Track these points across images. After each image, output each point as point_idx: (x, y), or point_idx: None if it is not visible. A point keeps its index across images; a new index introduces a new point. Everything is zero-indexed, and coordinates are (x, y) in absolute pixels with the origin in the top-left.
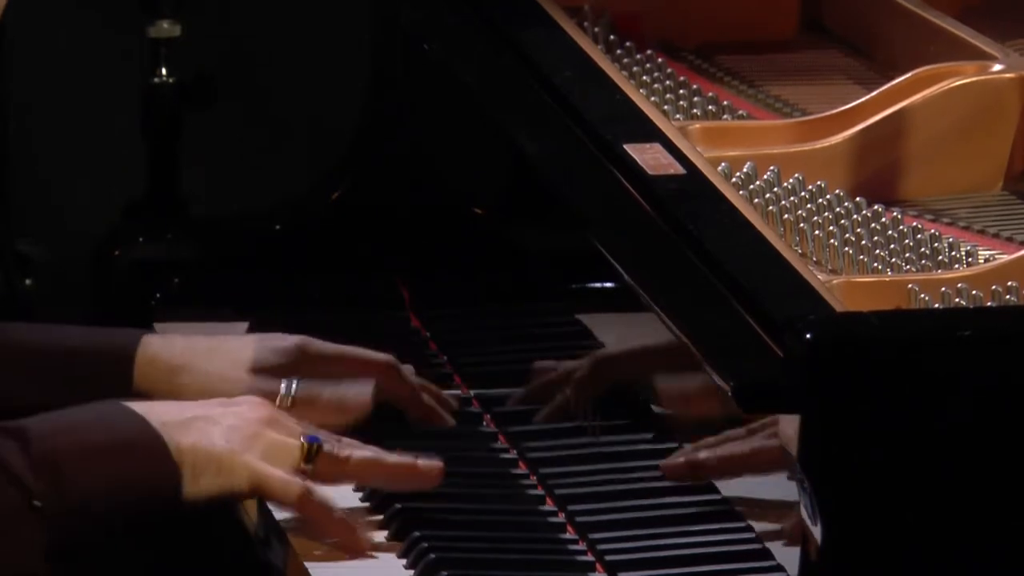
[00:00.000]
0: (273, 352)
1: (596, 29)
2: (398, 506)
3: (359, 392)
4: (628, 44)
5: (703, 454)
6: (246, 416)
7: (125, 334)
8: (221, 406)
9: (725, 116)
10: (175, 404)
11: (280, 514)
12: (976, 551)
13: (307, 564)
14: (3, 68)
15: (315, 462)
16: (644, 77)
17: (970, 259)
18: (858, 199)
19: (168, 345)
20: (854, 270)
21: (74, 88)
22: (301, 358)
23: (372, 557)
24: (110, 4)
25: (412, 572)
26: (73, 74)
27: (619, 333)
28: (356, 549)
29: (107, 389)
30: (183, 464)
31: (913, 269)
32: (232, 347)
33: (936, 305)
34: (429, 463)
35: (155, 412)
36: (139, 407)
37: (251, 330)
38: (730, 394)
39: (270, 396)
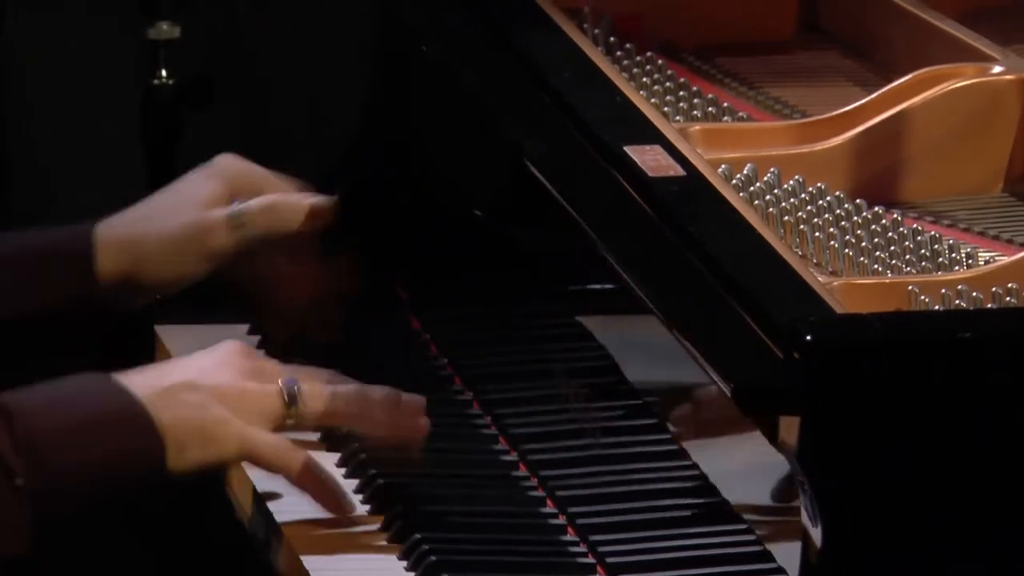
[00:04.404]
0: (209, 184)
1: (596, 31)
2: (399, 507)
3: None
4: (628, 46)
5: None
6: (225, 372)
7: (76, 229)
8: (199, 363)
9: (725, 118)
10: (156, 371)
11: (279, 515)
12: (976, 552)
13: (305, 564)
14: (3, 69)
15: (298, 406)
16: (644, 79)
17: (970, 261)
18: (858, 201)
19: (119, 229)
20: (854, 272)
21: (74, 89)
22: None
23: (353, 521)
24: (110, 6)
25: (413, 574)
26: (73, 75)
27: (619, 335)
28: (340, 512)
29: (70, 286)
30: (167, 438)
31: (913, 271)
32: (170, 207)
33: (936, 307)
34: (413, 405)
35: (137, 383)
36: (122, 378)
37: (251, 331)
38: (730, 395)
39: (216, 225)
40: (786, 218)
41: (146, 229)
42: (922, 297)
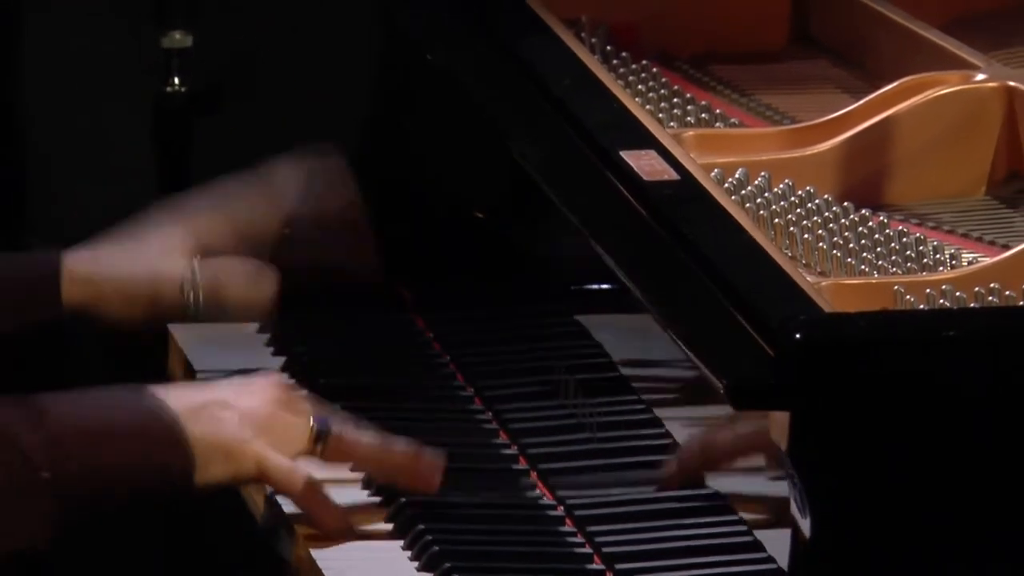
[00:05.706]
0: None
1: (593, 40)
2: (403, 500)
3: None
4: (624, 54)
5: (693, 460)
6: (260, 399)
7: (45, 255)
8: (236, 387)
9: (718, 124)
10: (192, 387)
11: (288, 507)
12: (962, 547)
13: (314, 555)
14: (18, 76)
15: (324, 444)
16: (640, 86)
17: (954, 262)
18: (846, 204)
19: (82, 263)
20: (842, 272)
21: (88, 96)
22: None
23: (362, 514)
24: (123, 15)
25: (416, 564)
26: (87, 83)
27: (616, 334)
28: (340, 537)
29: (36, 312)
30: (196, 451)
31: (899, 271)
32: (147, 254)
33: (921, 306)
34: (432, 463)
35: (172, 396)
36: (159, 391)
37: (260, 330)
38: (723, 392)
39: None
40: (776, 220)
41: (105, 269)
42: (907, 297)
